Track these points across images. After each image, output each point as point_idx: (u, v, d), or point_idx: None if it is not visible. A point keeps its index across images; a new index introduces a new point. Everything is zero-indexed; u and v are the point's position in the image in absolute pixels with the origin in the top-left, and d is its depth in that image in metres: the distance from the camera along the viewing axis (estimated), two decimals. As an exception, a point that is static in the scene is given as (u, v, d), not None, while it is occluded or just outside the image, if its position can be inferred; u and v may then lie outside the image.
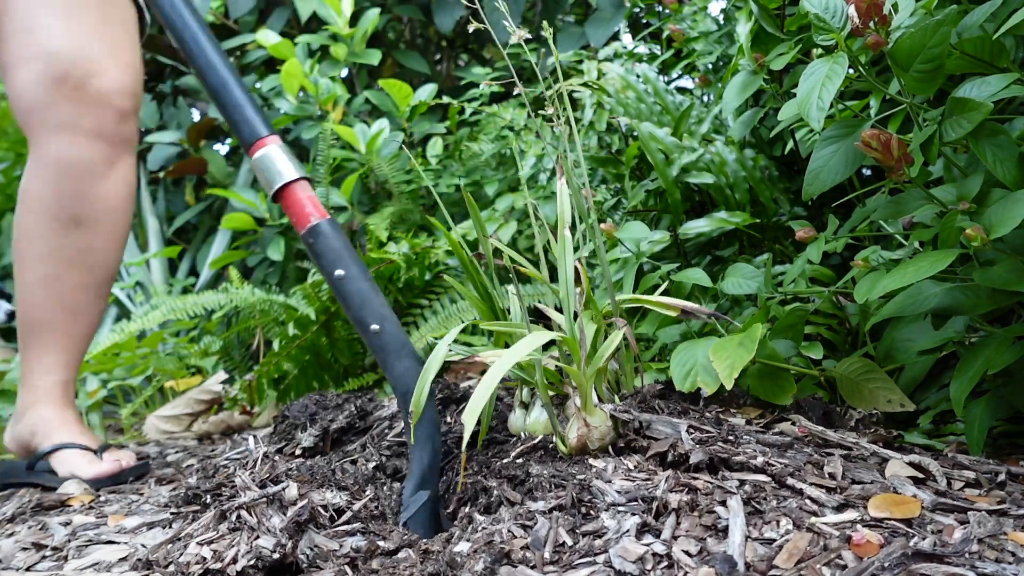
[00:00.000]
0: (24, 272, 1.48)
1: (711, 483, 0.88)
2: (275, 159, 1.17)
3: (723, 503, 0.83)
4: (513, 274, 1.05)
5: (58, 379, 1.53)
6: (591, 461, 0.95)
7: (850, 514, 0.82)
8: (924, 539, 0.76)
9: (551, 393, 1.07)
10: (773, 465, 0.92)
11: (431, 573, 0.81)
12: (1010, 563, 0.72)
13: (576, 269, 1.03)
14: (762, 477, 0.90)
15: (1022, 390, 1.05)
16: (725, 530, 0.79)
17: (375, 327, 1.07)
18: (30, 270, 1.47)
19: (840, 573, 0.70)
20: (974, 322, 1.08)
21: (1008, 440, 1.17)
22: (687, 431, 0.98)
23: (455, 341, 1.11)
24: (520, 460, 1.01)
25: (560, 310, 1.05)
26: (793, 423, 1.11)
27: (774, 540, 0.77)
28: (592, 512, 0.85)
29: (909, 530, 0.78)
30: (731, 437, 0.99)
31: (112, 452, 1.54)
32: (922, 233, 1.04)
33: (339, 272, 1.09)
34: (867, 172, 1.64)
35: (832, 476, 0.92)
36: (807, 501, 0.85)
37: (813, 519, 0.80)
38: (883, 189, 1.14)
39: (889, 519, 0.80)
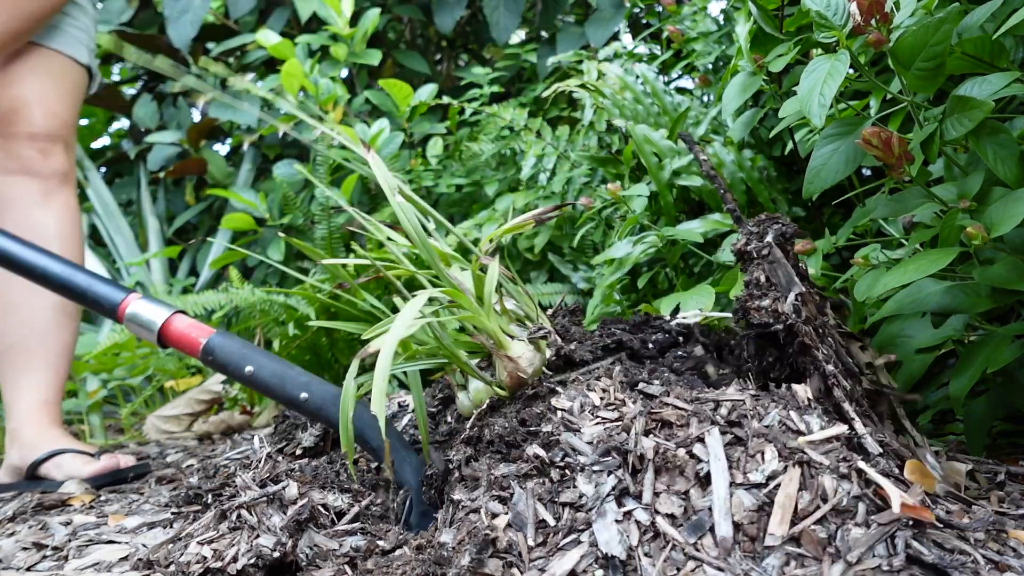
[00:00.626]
0: None
1: (684, 412, 0.82)
2: (143, 311, 1.22)
3: (701, 439, 0.77)
4: (388, 276, 1.04)
5: (40, 399, 1.56)
6: (553, 402, 0.90)
7: (837, 428, 0.77)
8: (936, 509, 0.75)
9: (475, 361, 1.05)
10: (835, 380, 0.87)
11: (420, 574, 0.80)
12: (1011, 556, 0.72)
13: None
14: (736, 393, 0.84)
15: (1021, 389, 1.05)
16: (707, 477, 0.74)
17: (303, 396, 1.12)
18: None
19: (844, 535, 0.67)
20: (973, 320, 1.08)
21: (1008, 440, 1.18)
22: (796, 297, 0.91)
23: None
24: (478, 423, 0.97)
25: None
26: None
27: (762, 485, 0.72)
28: (568, 472, 0.80)
29: (925, 498, 0.78)
30: (822, 330, 0.93)
31: (109, 455, 1.55)
32: (922, 234, 1.04)
33: (249, 369, 1.14)
34: (867, 172, 1.64)
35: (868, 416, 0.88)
36: (791, 415, 0.79)
37: (800, 440, 0.75)
38: (883, 188, 1.14)
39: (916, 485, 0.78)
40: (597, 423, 0.85)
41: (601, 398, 0.89)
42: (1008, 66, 0.97)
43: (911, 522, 0.69)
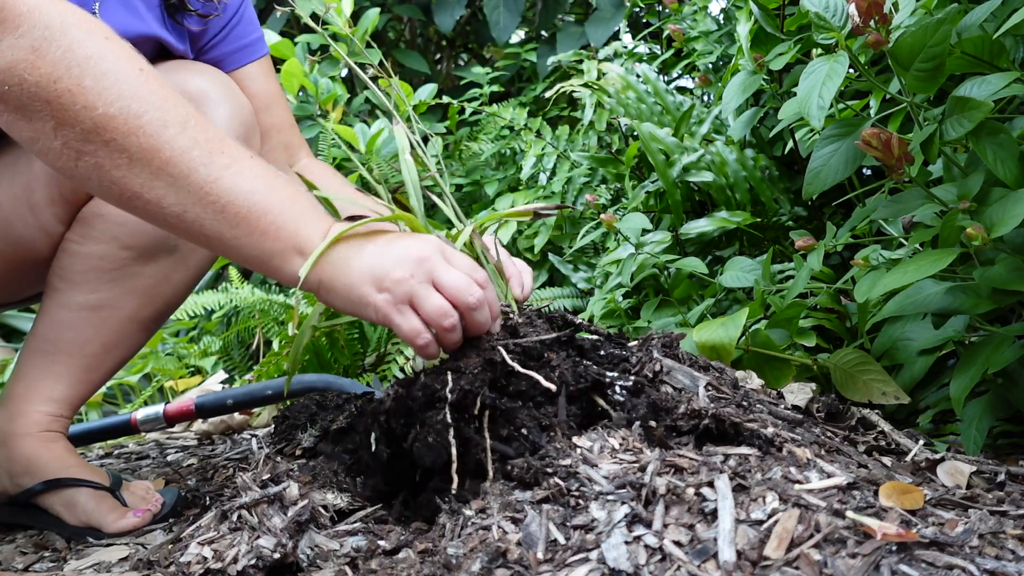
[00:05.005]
0: (70, 292, 1.23)
1: (696, 461, 0.87)
2: None
3: (710, 484, 0.83)
4: None
5: (61, 413, 1.24)
6: (575, 440, 0.93)
7: (836, 479, 0.81)
8: (927, 528, 0.76)
9: None
10: (782, 437, 0.92)
11: (428, 575, 0.80)
12: (1010, 560, 0.72)
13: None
14: (745, 449, 0.90)
15: (1022, 389, 1.05)
16: (713, 513, 0.79)
17: None
18: (81, 293, 1.22)
19: (835, 559, 0.69)
20: (974, 321, 1.08)
21: (1008, 440, 1.17)
22: (705, 388, 0.98)
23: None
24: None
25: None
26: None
27: (763, 521, 0.76)
28: (582, 501, 0.84)
29: (912, 518, 0.78)
30: (745, 403, 0.98)
31: (128, 489, 1.24)
32: (922, 234, 1.04)
33: None
34: (867, 172, 1.64)
35: (842, 452, 0.91)
36: (791, 470, 0.85)
37: (797, 488, 0.80)
38: (883, 188, 1.14)
39: (894, 508, 0.79)
40: (615, 463, 0.89)
41: (620, 444, 0.94)
42: (1008, 66, 0.97)
43: (895, 547, 0.71)
